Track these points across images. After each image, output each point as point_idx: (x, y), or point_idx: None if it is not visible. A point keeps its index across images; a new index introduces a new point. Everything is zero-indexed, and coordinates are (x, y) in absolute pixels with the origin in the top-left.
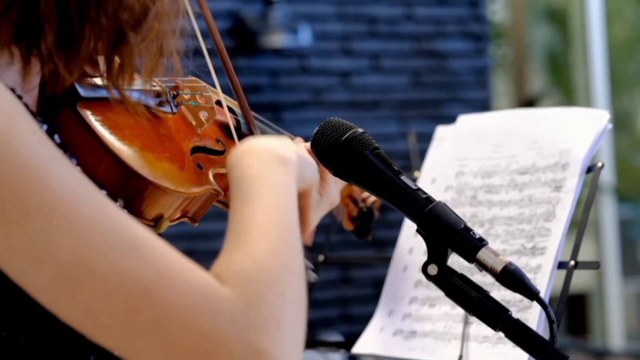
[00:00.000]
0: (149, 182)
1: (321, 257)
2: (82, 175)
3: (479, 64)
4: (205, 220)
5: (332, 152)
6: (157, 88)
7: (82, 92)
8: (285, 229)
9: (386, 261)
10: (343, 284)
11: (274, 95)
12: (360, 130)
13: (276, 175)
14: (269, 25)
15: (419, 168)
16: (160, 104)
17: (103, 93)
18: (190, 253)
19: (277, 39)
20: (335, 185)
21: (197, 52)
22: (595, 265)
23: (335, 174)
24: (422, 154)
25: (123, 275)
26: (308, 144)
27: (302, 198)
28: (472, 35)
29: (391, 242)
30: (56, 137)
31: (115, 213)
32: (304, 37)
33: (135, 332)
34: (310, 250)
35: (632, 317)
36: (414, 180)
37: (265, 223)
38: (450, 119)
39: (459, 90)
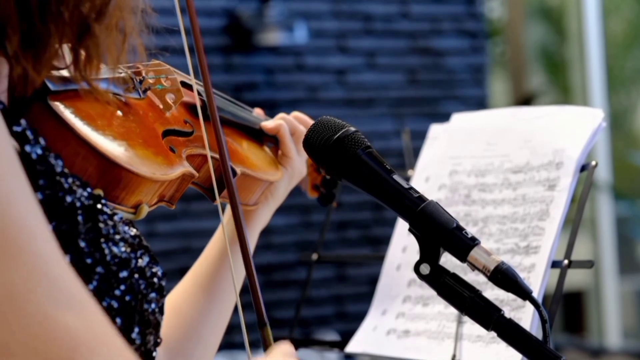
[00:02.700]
0: (126, 171)
1: (315, 256)
2: (43, 217)
3: (475, 61)
4: (200, 218)
5: (324, 151)
6: (123, 75)
7: (51, 86)
8: None
9: (379, 260)
10: (338, 281)
11: (270, 92)
12: (352, 129)
13: None
14: (265, 23)
15: (413, 166)
16: (128, 90)
17: (72, 85)
18: (184, 251)
19: (273, 37)
20: (300, 158)
21: (160, 32)
22: (588, 265)
23: (327, 173)
24: (419, 152)
25: (53, 325)
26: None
27: None
28: (468, 33)
29: (387, 240)
30: (29, 132)
31: (64, 265)
32: (300, 34)
33: None
34: (304, 249)
35: (628, 315)
36: (407, 179)
37: None
38: (446, 117)
39: (455, 88)
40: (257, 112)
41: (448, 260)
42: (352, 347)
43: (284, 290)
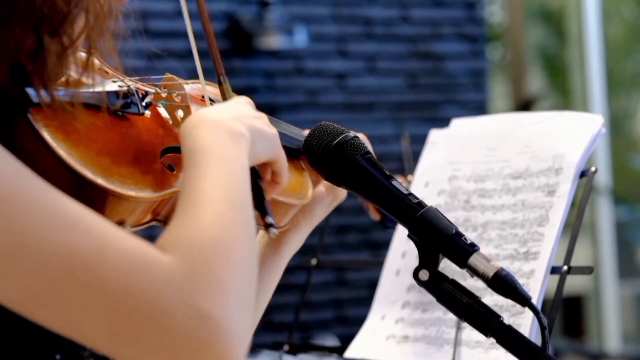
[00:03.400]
0: (102, 189)
1: (314, 261)
2: (10, 156)
3: (475, 65)
4: None
5: (323, 157)
6: (123, 89)
7: (34, 97)
8: (234, 199)
9: (379, 265)
10: (338, 286)
11: (270, 96)
12: (352, 134)
13: (227, 148)
14: (265, 26)
15: (412, 171)
16: (126, 105)
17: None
18: None
19: (273, 41)
20: None
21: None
22: (588, 271)
23: (327, 179)
24: (419, 157)
25: (58, 250)
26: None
27: (272, 164)
28: (468, 37)
29: (386, 244)
30: None
31: (46, 191)
32: (300, 38)
33: (76, 305)
34: (304, 253)
35: (628, 320)
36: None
37: (213, 193)
38: (446, 121)
39: (455, 92)
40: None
41: (447, 266)
42: (351, 353)
43: (283, 294)
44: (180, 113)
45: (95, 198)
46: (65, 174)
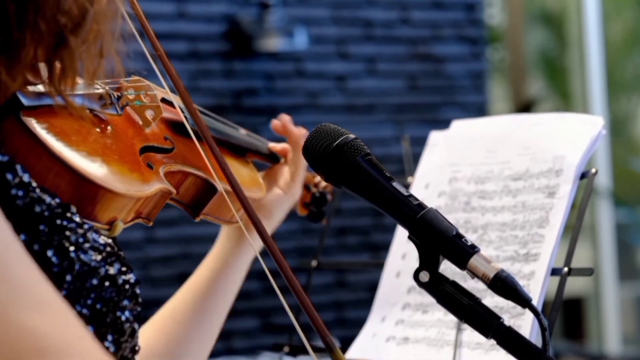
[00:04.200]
0: (99, 187)
1: (314, 263)
2: (5, 224)
3: (475, 67)
4: (200, 224)
5: (324, 159)
6: (100, 91)
7: (24, 101)
8: None
9: (379, 267)
10: (338, 287)
11: (270, 98)
12: (352, 136)
13: None
14: (265, 28)
15: (413, 173)
16: (105, 106)
17: (46, 100)
18: (185, 257)
19: (273, 43)
20: (299, 183)
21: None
22: (588, 272)
23: (327, 180)
24: (419, 159)
25: (20, 328)
26: None
27: None
28: (469, 39)
29: (386, 246)
30: None
31: (31, 270)
32: (300, 40)
33: None
34: (304, 255)
35: (628, 322)
36: (407, 186)
37: None
38: (446, 123)
39: (455, 94)
40: (242, 132)
41: (447, 268)
42: (351, 354)
43: (283, 296)
44: (150, 113)
45: (91, 196)
46: (62, 173)
